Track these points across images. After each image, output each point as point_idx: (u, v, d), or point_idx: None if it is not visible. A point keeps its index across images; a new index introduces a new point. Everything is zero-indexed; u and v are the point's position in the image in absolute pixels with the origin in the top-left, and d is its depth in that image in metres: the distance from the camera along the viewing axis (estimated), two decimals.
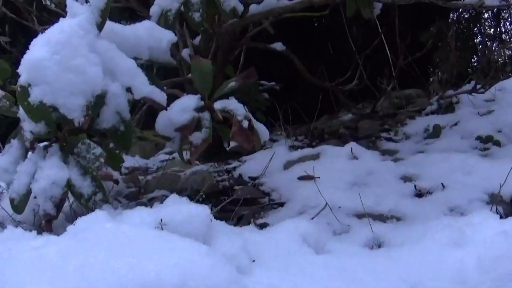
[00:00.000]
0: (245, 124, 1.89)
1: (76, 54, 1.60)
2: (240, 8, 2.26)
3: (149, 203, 2.19)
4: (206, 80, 1.98)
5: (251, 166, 2.60)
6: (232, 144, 3.13)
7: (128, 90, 1.72)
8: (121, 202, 2.28)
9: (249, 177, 2.48)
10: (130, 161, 3.17)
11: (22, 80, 1.62)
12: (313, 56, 4.74)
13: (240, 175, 2.52)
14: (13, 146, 1.80)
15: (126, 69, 1.71)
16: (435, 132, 2.81)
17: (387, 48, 3.34)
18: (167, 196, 1.62)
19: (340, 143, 2.81)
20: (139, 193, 2.51)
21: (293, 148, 2.87)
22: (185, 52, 2.91)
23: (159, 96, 1.75)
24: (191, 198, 1.67)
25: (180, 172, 2.56)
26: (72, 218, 1.80)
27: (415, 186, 2.13)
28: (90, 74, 1.60)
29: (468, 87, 3.30)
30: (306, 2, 2.71)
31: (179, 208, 1.44)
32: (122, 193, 2.46)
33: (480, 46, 5.20)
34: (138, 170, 3.00)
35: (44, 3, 2.98)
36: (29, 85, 1.61)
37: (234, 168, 2.66)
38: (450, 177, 2.16)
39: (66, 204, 1.72)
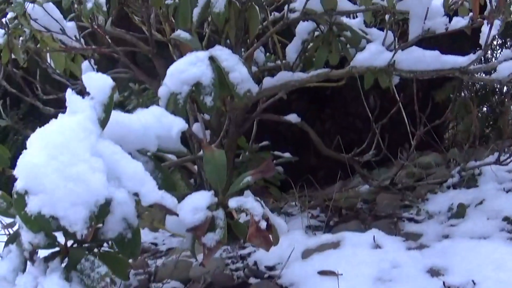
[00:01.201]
0: (263, 224, 1.74)
1: (76, 160, 1.46)
2: (255, 89, 2.13)
3: None
4: (220, 174, 1.83)
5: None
6: None
7: (136, 194, 1.57)
8: None
9: (265, 267, 2.32)
10: None
11: (18, 187, 1.48)
12: (326, 117, 4.62)
13: (256, 263, 2.36)
14: (12, 252, 1.65)
15: (132, 174, 1.56)
16: (460, 213, 2.65)
17: (405, 118, 3.21)
18: None
19: (360, 225, 2.65)
20: (149, 281, 2.37)
21: (310, 229, 2.70)
22: (196, 127, 2.77)
23: (170, 202, 1.60)
24: None
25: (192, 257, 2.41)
26: None
27: (443, 283, 1.97)
28: (93, 182, 1.45)
29: (491, 158, 3.15)
30: (323, 76, 2.58)
31: None
32: (131, 284, 2.32)
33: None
34: (147, 252, 2.85)
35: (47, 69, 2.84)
36: (26, 192, 1.46)
37: (249, 254, 2.50)
38: (481, 271, 2.00)
39: None
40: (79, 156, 1.47)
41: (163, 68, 2.83)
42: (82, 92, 2.71)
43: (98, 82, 1.63)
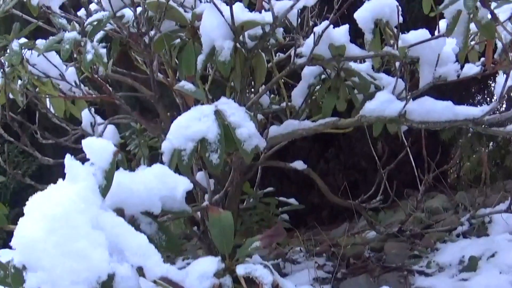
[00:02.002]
0: None
1: (76, 235, 1.37)
2: (263, 144, 2.06)
3: None
4: (227, 238, 1.74)
5: None
6: None
7: (140, 268, 1.49)
8: None
9: None
10: None
11: (16, 261, 1.39)
12: (330, 157, 4.54)
13: None
14: None
15: (136, 247, 1.47)
16: (472, 266, 2.56)
17: (412, 161, 3.13)
18: None
19: (369, 278, 2.56)
20: None
21: (317, 281, 2.61)
22: (200, 175, 2.69)
23: (176, 275, 1.52)
24: None
25: None
26: None
27: None
28: (94, 258, 1.37)
29: (502, 206, 3.06)
30: (331, 125, 2.52)
31: None
32: None
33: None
34: None
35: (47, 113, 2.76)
36: (24, 267, 1.38)
37: None
38: None
39: None
40: (79, 230, 1.39)
41: (165, 113, 2.76)
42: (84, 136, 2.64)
43: (98, 148, 1.56)
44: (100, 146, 1.56)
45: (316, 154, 4.39)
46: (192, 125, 1.96)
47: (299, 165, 2.94)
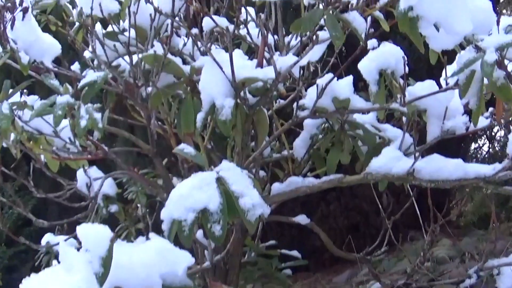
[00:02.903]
0: None
1: None
2: (267, 211, 1.95)
3: None
4: None
5: None
6: None
7: None
8: None
9: None
10: None
11: None
12: (331, 199, 4.45)
13: None
14: None
15: None
16: None
17: (419, 215, 3.05)
18: None
19: None
20: None
21: None
22: (200, 233, 2.60)
23: None
24: None
25: None
26: None
27: None
28: None
29: (510, 258, 2.97)
30: (335, 182, 2.43)
31: None
32: None
33: None
34: None
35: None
36: None
37: None
38: None
39: None
40: None
41: (164, 169, 2.68)
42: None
43: (95, 235, 1.46)
44: (96, 233, 1.47)
45: (316, 196, 4.29)
46: (192, 194, 1.87)
47: (302, 219, 2.85)
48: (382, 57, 2.48)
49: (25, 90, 2.38)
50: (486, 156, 6.51)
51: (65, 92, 2.08)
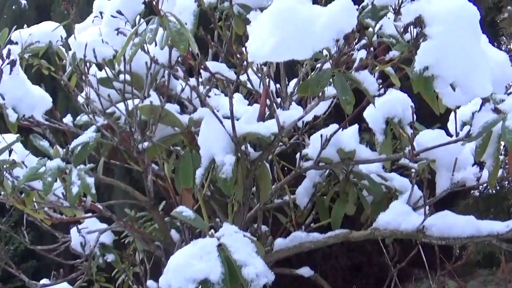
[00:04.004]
0: None
1: None
2: (271, 279, 1.85)
3: None
4: None
5: None
6: None
7: None
8: None
9: None
10: None
11: None
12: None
13: None
14: None
15: None
16: None
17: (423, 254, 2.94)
18: None
19: None
20: None
21: None
22: None
23: None
24: None
25: None
26: None
27: None
28: None
29: None
30: (341, 237, 2.33)
31: None
32: None
33: None
34: None
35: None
36: None
37: None
38: None
39: None
40: None
41: (162, 221, 2.57)
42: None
43: None
44: None
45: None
46: (192, 263, 1.77)
47: (305, 271, 2.73)
48: (389, 104, 2.39)
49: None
50: None
51: (55, 155, 1.97)
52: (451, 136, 2.22)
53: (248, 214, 2.36)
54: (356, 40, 1.81)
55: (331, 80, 1.80)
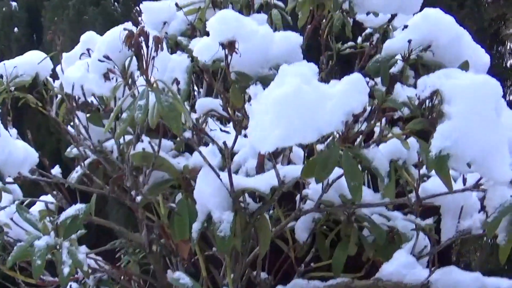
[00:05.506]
0: None
1: None
2: None
3: None
4: None
5: None
6: None
7: None
8: None
9: None
10: None
11: None
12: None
13: None
14: None
15: None
16: None
17: None
18: None
19: None
20: None
21: None
22: None
23: None
24: None
25: None
26: None
27: None
28: None
29: None
30: (342, 286, 2.27)
31: None
32: None
33: None
34: None
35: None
36: None
37: None
38: None
39: None
40: None
41: (158, 265, 2.51)
42: None
43: None
44: None
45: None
46: None
47: None
48: (394, 145, 2.30)
49: None
50: None
51: (44, 231, 1.88)
52: (455, 181, 2.15)
53: (246, 264, 2.29)
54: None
55: None
